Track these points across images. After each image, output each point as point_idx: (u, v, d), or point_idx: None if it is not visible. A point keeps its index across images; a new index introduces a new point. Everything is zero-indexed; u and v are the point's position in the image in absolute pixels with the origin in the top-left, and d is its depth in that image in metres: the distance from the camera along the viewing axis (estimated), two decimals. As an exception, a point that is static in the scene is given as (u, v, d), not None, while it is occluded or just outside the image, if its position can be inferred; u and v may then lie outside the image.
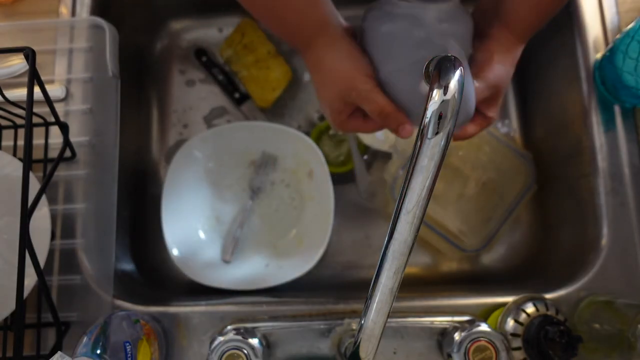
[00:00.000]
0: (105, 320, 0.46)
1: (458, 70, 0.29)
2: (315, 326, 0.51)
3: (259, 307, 0.53)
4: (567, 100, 0.62)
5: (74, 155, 0.56)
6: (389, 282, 0.32)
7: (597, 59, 0.58)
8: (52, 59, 0.59)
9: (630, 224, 0.55)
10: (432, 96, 0.29)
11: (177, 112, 0.73)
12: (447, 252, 0.66)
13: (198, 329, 0.52)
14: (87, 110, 0.58)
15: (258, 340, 0.47)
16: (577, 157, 0.59)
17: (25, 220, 0.40)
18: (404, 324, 0.51)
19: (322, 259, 0.63)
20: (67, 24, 0.60)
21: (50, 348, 0.50)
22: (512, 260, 0.68)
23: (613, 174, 0.56)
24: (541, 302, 0.50)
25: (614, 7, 0.59)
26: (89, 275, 0.53)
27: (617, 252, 0.54)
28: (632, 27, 0.52)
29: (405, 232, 0.31)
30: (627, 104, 0.57)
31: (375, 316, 0.33)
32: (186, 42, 0.75)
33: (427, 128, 0.29)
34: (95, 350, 0.42)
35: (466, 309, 0.53)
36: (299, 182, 0.68)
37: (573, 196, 0.61)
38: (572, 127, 0.61)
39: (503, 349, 0.44)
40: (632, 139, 0.57)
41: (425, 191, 0.30)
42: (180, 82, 0.74)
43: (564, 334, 0.46)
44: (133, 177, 0.66)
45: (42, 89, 0.48)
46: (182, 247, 0.65)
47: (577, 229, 0.59)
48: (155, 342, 0.48)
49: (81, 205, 0.55)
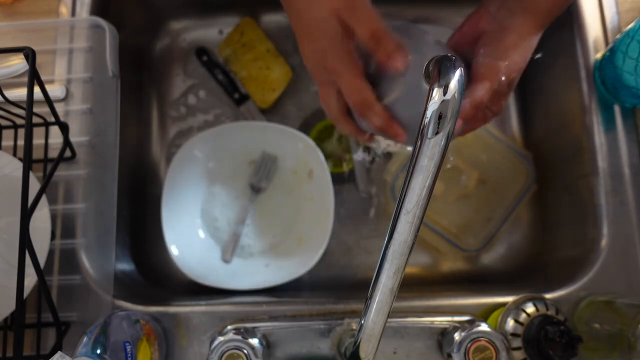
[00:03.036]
0: (105, 320, 0.46)
1: (458, 70, 0.30)
2: (315, 326, 0.51)
3: (259, 307, 0.53)
4: (567, 100, 0.62)
5: (74, 155, 0.56)
6: (389, 282, 0.32)
7: (597, 58, 0.58)
8: (52, 58, 0.59)
9: (630, 224, 0.55)
10: (432, 96, 0.29)
11: (177, 112, 0.73)
12: (447, 252, 0.66)
13: (198, 329, 0.52)
14: (87, 110, 0.58)
15: (258, 340, 0.47)
16: (577, 157, 0.59)
17: (25, 220, 0.40)
18: (404, 324, 0.51)
19: (322, 259, 0.63)
20: (67, 24, 0.60)
21: (50, 348, 0.50)
22: (512, 260, 0.68)
23: (613, 174, 0.56)
24: (541, 302, 0.50)
25: (614, 7, 0.59)
26: (89, 275, 0.53)
27: (617, 252, 0.54)
28: (632, 27, 0.52)
29: (405, 232, 0.31)
30: (627, 103, 0.57)
31: (375, 316, 0.33)
32: (186, 42, 0.75)
33: (427, 128, 0.29)
34: (95, 350, 0.42)
35: (466, 309, 0.53)
36: (299, 182, 0.68)
37: (573, 196, 0.61)
38: (572, 127, 0.61)
39: (503, 348, 0.44)
40: (632, 139, 0.57)
41: (425, 191, 0.30)
42: (181, 82, 0.74)
43: (564, 333, 0.46)
44: (133, 177, 0.66)
45: (42, 89, 0.48)
46: (182, 246, 0.65)
47: (577, 229, 0.59)
48: (155, 342, 0.48)
49: (81, 205, 0.55)
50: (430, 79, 0.30)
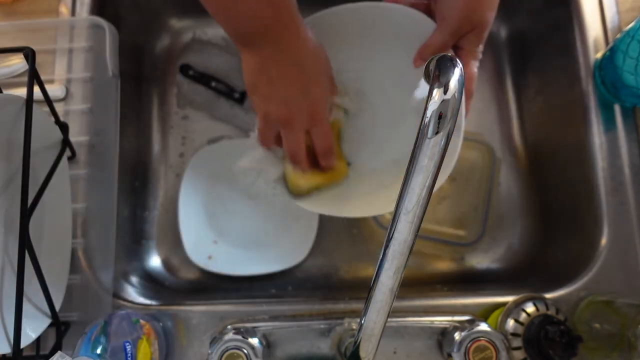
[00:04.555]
0: (105, 320, 0.46)
1: (458, 69, 0.29)
2: (315, 326, 0.51)
3: (259, 307, 0.53)
4: (567, 100, 0.62)
5: (74, 155, 0.56)
6: (389, 282, 0.32)
7: (597, 58, 0.58)
8: (52, 58, 0.59)
9: (630, 223, 0.55)
10: (432, 95, 0.29)
11: (178, 111, 0.73)
12: (452, 253, 0.67)
13: (198, 328, 0.52)
14: (87, 110, 0.58)
15: (258, 340, 0.47)
16: (577, 156, 0.59)
17: (25, 220, 0.40)
18: (404, 324, 0.51)
19: (322, 259, 0.64)
20: (67, 24, 0.60)
21: (50, 348, 0.50)
22: (512, 260, 0.68)
23: (613, 174, 0.56)
24: (541, 301, 0.50)
25: (614, 7, 0.59)
26: (89, 275, 0.53)
27: (617, 252, 0.54)
28: (632, 27, 0.52)
29: (405, 232, 0.31)
30: (627, 103, 0.57)
31: (375, 316, 0.33)
32: (186, 41, 0.75)
33: (427, 128, 0.29)
34: (95, 350, 0.43)
35: (466, 309, 0.53)
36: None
37: (573, 196, 0.61)
38: (572, 127, 0.61)
39: (503, 348, 0.44)
40: (632, 139, 0.57)
41: (426, 191, 0.30)
42: (181, 82, 0.73)
43: (564, 333, 0.46)
44: (133, 177, 0.66)
45: (42, 89, 0.48)
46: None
47: (577, 229, 0.59)
48: (155, 342, 0.48)
49: (81, 205, 0.55)
50: (430, 79, 0.30)
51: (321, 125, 0.48)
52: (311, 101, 0.47)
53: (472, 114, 0.70)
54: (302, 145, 0.48)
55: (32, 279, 0.43)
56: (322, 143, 0.49)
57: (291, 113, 0.46)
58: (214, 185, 0.69)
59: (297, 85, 0.46)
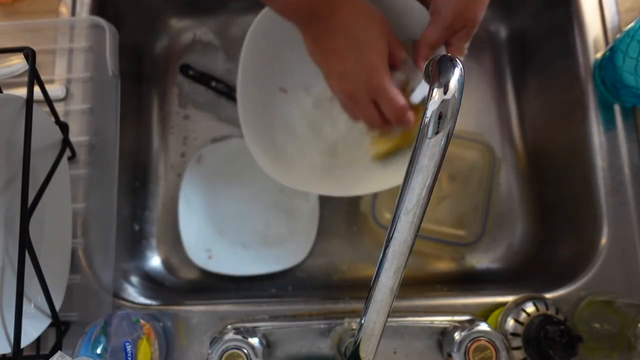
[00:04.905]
0: (105, 320, 0.46)
1: (458, 69, 0.29)
2: (315, 326, 0.51)
3: (259, 307, 0.53)
4: (567, 100, 0.62)
5: (74, 155, 0.56)
6: (389, 282, 0.32)
7: (597, 58, 0.58)
8: (52, 58, 0.59)
9: (630, 223, 0.55)
10: (432, 95, 0.29)
11: (179, 111, 0.73)
12: (452, 253, 0.67)
13: (198, 328, 0.52)
14: (87, 110, 0.58)
15: (258, 340, 0.47)
16: (577, 156, 0.59)
17: (25, 220, 0.40)
18: (404, 324, 0.51)
19: (322, 259, 0.64)
20: (67, 24, 0.60)
21: (50, 348, 0.50)
22: (512, 260, 0.68)
23: (613, 174, 0.56)
24: (541, 301, 0.50)
25: (614, 7, 0.59)
26: (89, 275, 0.53)
27: (617, 252, 0.54)
28: (632, 27, 0.52)
29: (405, 232, 0.30)
30: (627, 103, 0.57)
31: (375, 316, 0.33)
32: (186, 41, 0.75)
33: (427, 128, 0.29)
34: (95, 350, 0.43)
35: (466, 309, 0.53)
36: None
37: (573, 196, 0.61)
38: (572, 127, 0.61)
39: (503, 348, 0.44)
40: (632, 139, 0.57)
41: (426, 191, 0.30)
42: (181, 82, 0.74)
43: (564, 333, 0.46)
44: (133, 177, 0.66)
45: (42, 89, 0.48)
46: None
47: (577, 229, 0.59)
48: (156, 342, 0.48)
49: (81, 205, 0.55)
50: (430, 79, 0.30)
51: (383, 94, 0.47)
52: (368, 70, 0.46)
53: (472, 114, 0.70)
54: (371, 114, 0.48)
55: (32, 279, 0.43)
56: (389, 111, 0.48)
57: (351, 88, 0.46)
58: (214, 185, 0.69)
59: (351, 57, 0.45)
